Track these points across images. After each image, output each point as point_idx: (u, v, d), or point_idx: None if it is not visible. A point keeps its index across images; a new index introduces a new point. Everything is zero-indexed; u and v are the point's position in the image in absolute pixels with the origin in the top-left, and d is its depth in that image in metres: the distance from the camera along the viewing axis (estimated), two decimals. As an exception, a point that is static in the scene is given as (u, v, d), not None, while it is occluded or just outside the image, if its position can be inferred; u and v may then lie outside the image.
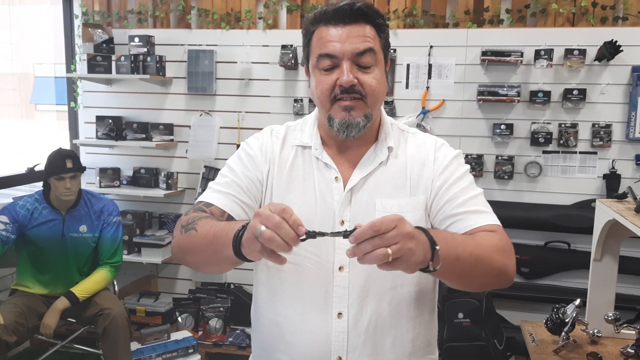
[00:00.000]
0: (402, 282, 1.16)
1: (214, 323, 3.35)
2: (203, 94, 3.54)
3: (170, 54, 3.54)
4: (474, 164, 3.19)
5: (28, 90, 5.08)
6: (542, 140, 3.12)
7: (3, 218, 2.68)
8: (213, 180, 1.25)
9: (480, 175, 3.21)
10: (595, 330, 1.99)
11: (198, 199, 1.21)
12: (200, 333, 3.35)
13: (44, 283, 2.81)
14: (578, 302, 1.95)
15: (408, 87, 3.28)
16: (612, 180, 3.05)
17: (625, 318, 2.67)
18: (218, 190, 1.20)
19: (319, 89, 1.15)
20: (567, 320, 1.92)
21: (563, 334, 1.91)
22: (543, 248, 3.20)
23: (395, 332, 1.17)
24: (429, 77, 3.24)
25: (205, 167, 3.52)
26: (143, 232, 3.58)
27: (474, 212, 1.14)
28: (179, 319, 3.43)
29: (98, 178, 3.55)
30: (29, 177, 3.40)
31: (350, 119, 1.13)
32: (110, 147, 3.66)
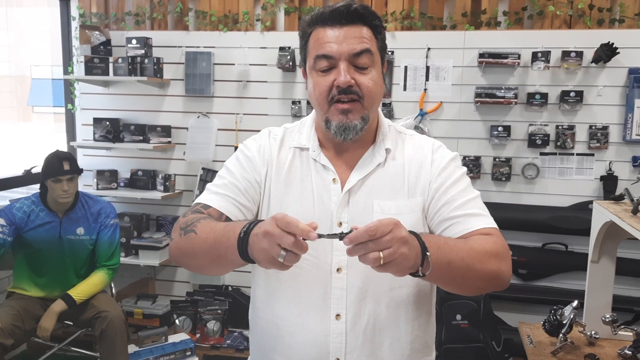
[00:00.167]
0: (400, 283, 1.17)
1: (212, 325, 3.34)
2: (201, 96, 3.54)
3: (168, 56, 3.54)
4: (472, 166, 3.20)
5: (25, 93, 5.07)
6: (539, 142, 3.13)
7: (0, 220, 2.67)
8: (211, 182, 1.25)
9: (478, 177, 3.21)
10: (593, 332, 1.99)
11: (196, 201, 1.21)
12: (198, 335, 3.34)
13: (41, 286, 2.80)
14: (575, 303, 1.95)
15: (406, 89, 3.28)
16: (609, 182, 3.06)
17: (623, 319, 2.67)
18: (216, 192, 1.19)
19: (317, 91, 1.15)
20: (564, 322, 1.92)
21: (561, 336, 1.91)
22: (541, 250, 3.20)
23: (393, 333, 1.17)
24: (427, 79, 3.24)
25: (203, 169, 3.52)
26: (140, 234, 3.57)
27: (471, 215, 1.14)
28: (177, 322, 3.43)
29: (95, 180, 3.54)
30: (26, 179, 3.39)
31: (348, 122, 1.14)
32: (108, 149, 3.65)
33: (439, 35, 3.22)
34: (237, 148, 1.30)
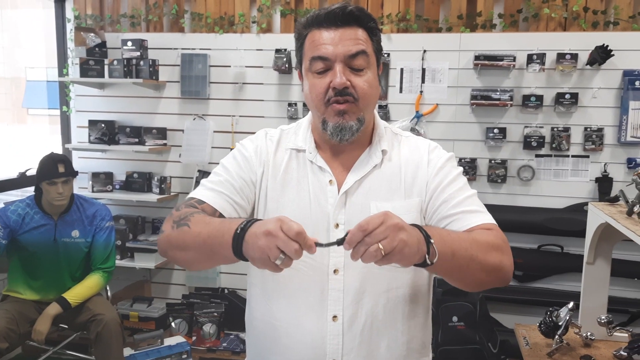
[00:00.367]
0: (396, 284, 1.17)
1: (208, 328, 3.33)
2: (196, 98, 3.54)
3: (164, 58, 3.53)
4: (468, 168, 3.20)
5: (20, 94, 5.05)
6: (534, 144, 3.14)
7: (-6, 223, 2.66)
8: (206, 178, 1.24)
9: (474, 179, 3.22)
10: (589, 333, 1.99)
11: (190, 195, 1.20)
12: (194, 338, 3.33)
13: (36, 289, 2.79)
14: (571, 305, 1.96)
15: (402, 91, 3.29)
16: (604, 184, 3.07)
17: (618, 321, 2.68)
18: (211, 189, 1.19)
19: (313, 93, 1.15)
20: (560, 324, 1.92)
21: (556, 337, 1.92)
22: (536, 251, 3.21)
23: (390, 334, 1.17)
24: (423, 81, 3.25)
25: (199, 171, 3.51)
26: (136, 237, 3.56)
27: (470, 211, 1.15)
28: (173, 325, 3.41)
29: (90, 183, 3.53)
30: (21, 182, 3.38)
31: (344, 123, 1.14)
32: (103, 151, 3.64)
33: (435, 38, 3.23)
34: (232, 150, 1.30)
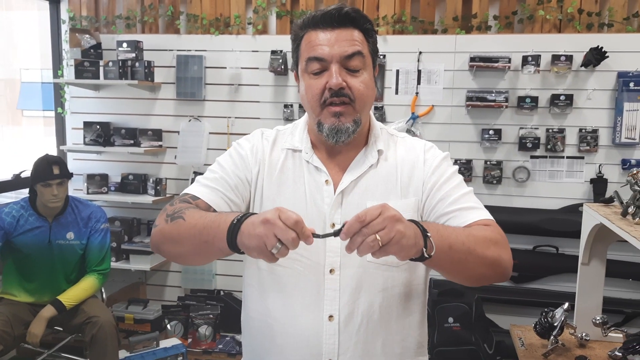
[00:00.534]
0: (392, 283, 1.17)
1: (204, 330, 3.32)
2: (192, 100, 3.53)
3: (159, 60, 3.52)
4: (463, 169, 3.21)
5: (14, 96, 5.03)
6: (530, 145, 3.15)
7: (-12, 225, 2.65)
8: (202, 175, 1.24)
9: (469, 180, 3.22)
10: (584, 334, 2.00)
11: (184, 191, 1.21)
12: (190, 340, 3.33)
13: (31, 291, 2.77)
14: (566, 305, 1.96)
15: (397, 92, 3.29)
16: (599, 185, 3.08)
17: (613, 321, 2.69)
18: (206, 185, 1.20)
19: (309, 93, 1.16)
20: (555, 324, 1.93)
21: (552, 338, 1.92)
22: (532, 252, 3.22)
23: (386, 333, 1.17)
24: (418, 82, 3.26)
25: (195, 172, 3.51)
26: (131, 238, 3.55)
27: (467, 208, 1.16)
28: (168, 327, 3.40)
29: (85, 184, 3.52)
30: (15, 183, 3.36)
31: (340, 125, 1.14)
32: (98, 153, 3.63)
33: (430, 39, 3.23)
34: (228, 150, 1.31)
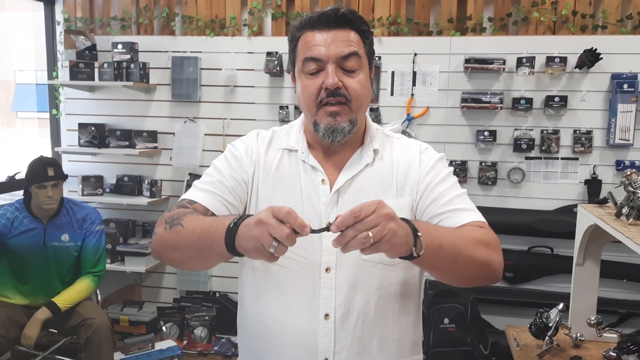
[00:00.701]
0: (388, 282, 1.17)
1: (199, 332, 3.32)
2: (187, 101, 3.53)
3: (154, 61, 3.52)
4: (458, 170, 3.22)
5: (9, 98, 5.01)
6: (524, 147, 3.16)
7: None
8: (198, 180, 1.25)
9: (465, 181, 3.23)
10: (578, 334, 2.01)
11: (182, 197, 1.21)
12: (185, 342, 3.32)
13: (25, 293, 2.76)
14: (561, 306, 1.97)
15: (393, 94, 3.30)
16: (593, 186, 3.09)
17: (608, 322, 2.70)
18: (203, 189, 1.20)
19: (305, 93, 1.16)
20: (550, 325, 1.93)
21: (547, 338, 1.93)
22: (527, 253, 3.23)
23: (382, 332, 1.17)
24: (414, 84, 3.26)
25: (190, 174, 3.50)
26: (126, 240, 3.54)
27: (460, 209, 1.16)
28: (164, 328, 3.39)
29: (80, 186, 3.51)
30: (10, 185, 3.34)
31: (336, 125, 1.15)
32: (93, 154, 3.62)
33: (426, 41, 3.24)
34: (223, 152, 1.31)
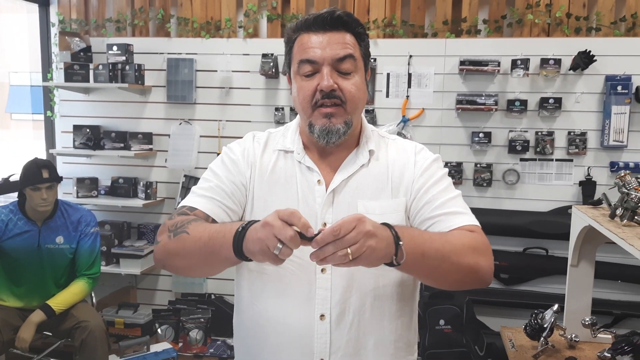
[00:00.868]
0: (384, 282, 1.17)
1: (195, 334, 3.31)
2: (183, 103, 3.52)
3: (150, 63, 3.51)
4: (454, 172, 3.23)
5: (3, 99, 4.98)
6: (519, 148, 3.17)
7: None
8: (196, 185, 1.24)
9: (460, 183, 3.24)
10: (573, 335, 2.01)
11: (181, 204, 1.20)
12: (181, 344, 3.31)
13: (19, 296, 2.75)
14: (556, 307, 1.98)
15: (388, 96, 3.31)
16: (587, 187, 3.11)
17: (602, 323, 2.71)
18: (202, 195, 1.19)
19: (301, 95, 1.17)
20: (545, 326, 1.94)
21: (542, 339, 1.94)
22: (522, 254, 3.24)
23: (378, 332, 1.18)
24: (409, 86, 3.27)
25: (185, 176, 3.49)
26: (121, 242, 3.53)
27: (453, 213, 1.16)
28: (159, 331, 3.38)
29: (75, 188, 3.49)
30: (4, 187, 3.33)
31: (331, 126, 1.15)
32: (88, 156, 3.61)
33: (421, 43, 3.25)
34: (219, 155, 1.30)
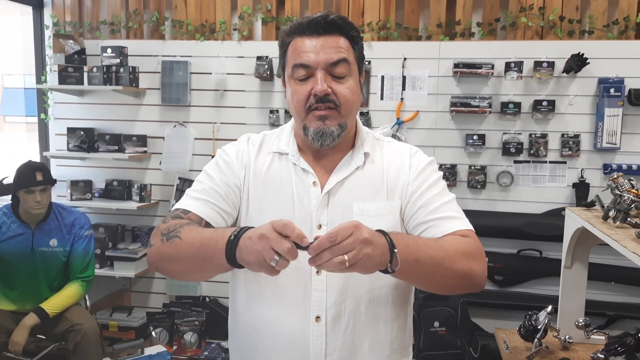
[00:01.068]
0: (379, 284, 1.17)
1: (189, 337, 3.30)
2: (177, 105, 3.52)
3: (144, 65, 3.51)
4: (448, 174, 3.24)
5: (-4, 102, 4.97)
6: (513, 150, 3.19)
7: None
8: (190, 188, 1.24)
9: (454, 185, 3.25)
10: (567, 336, 2.02)
11: (175, 206, 1.20)
12: (175, 347, 3.30)
13: (13, 299, 2.73)
14: (550, 308, 1.99)
15: (383, 98, 3.31)
16: (581, 189, 3.12)
17: (595, 324, 2.73)
18: (196, 198, 1.19)
19: (295, 99, 1.17)
20: (539, 327, 1.95)
21: (536, 341, 1.94)
22: (515, 256, 3.25)
23: (373, 334, 1.18)
24: (403, 88, 3.28)
25: (180, 178, 3.49)
26: (115, 245, 3.51)
27: (446, 218, 1.16)
28: (153, 334, 3.37)
29: (69, 191, 3.48)
30: (-3, 190, 3.31)
31: (325, 128, 1.15)
32: (82, 159, 3.59)
33: (415, 46, 3.26)
34: (214, 157, 1.30)
